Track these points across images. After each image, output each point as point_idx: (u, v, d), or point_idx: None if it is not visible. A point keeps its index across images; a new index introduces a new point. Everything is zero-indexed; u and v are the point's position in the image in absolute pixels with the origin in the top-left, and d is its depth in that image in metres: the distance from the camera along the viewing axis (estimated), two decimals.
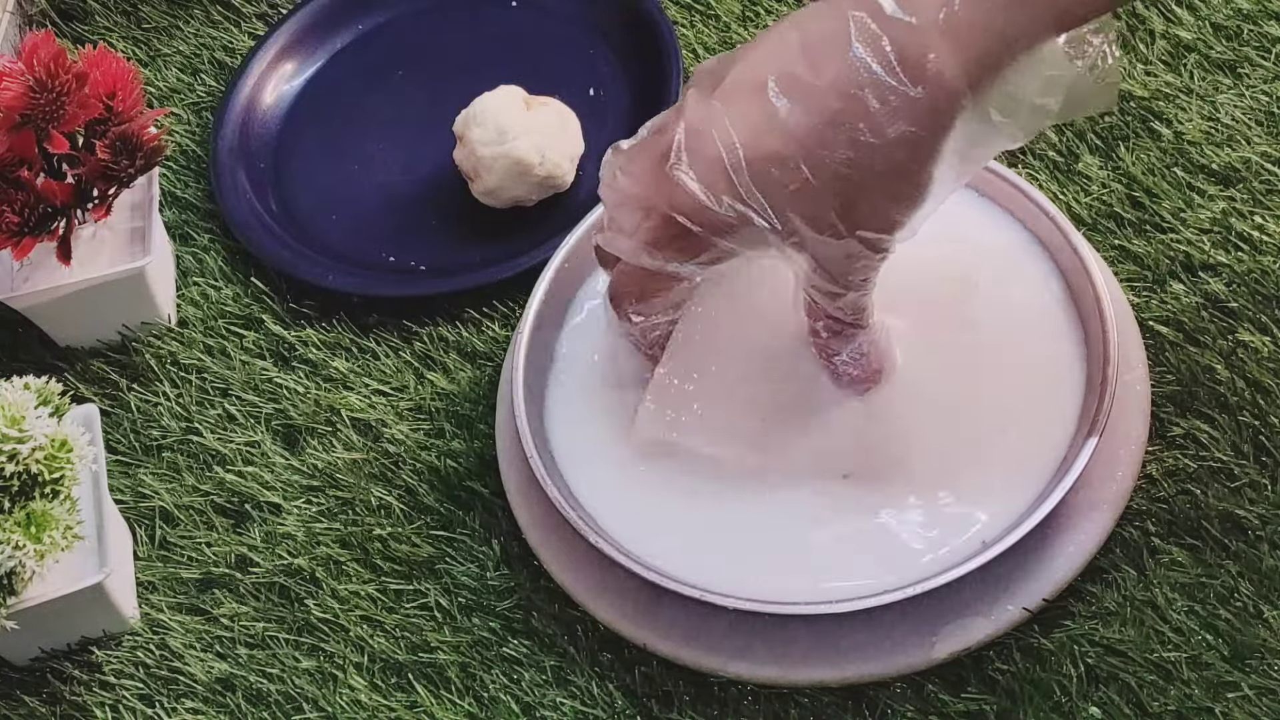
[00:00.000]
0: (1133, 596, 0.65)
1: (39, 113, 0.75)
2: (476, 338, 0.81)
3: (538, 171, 0.84)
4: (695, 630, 0.66)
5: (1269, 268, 0.75)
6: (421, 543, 0.74)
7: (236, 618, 0.73)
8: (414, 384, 0.80)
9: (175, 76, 0.99)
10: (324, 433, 0.79)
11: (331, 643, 0.71)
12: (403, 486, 0.76)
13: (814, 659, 0.65)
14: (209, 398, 0.82)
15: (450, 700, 0.68)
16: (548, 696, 0.67)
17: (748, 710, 0.66)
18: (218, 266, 0.88)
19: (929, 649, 0.64)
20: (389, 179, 0.92)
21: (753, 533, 0.68)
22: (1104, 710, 0.63)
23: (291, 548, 0.75)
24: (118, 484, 0.79)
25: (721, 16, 0.94)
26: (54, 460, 0.68)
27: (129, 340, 0.85)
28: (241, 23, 1.02)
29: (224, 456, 0.79)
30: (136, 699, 0.71)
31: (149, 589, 0.75)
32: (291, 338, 0.83)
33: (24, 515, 0.66)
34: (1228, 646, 0.63)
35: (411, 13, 1.00)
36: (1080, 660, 0.64)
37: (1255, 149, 0.79)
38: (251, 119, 0.95)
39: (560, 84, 0.90)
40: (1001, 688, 0.64)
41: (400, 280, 0.85)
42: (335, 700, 0.69)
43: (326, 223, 0.90)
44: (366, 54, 0.99)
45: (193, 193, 0.93)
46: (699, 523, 0.69)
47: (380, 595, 0.72)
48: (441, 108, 0.89)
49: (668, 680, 0.67)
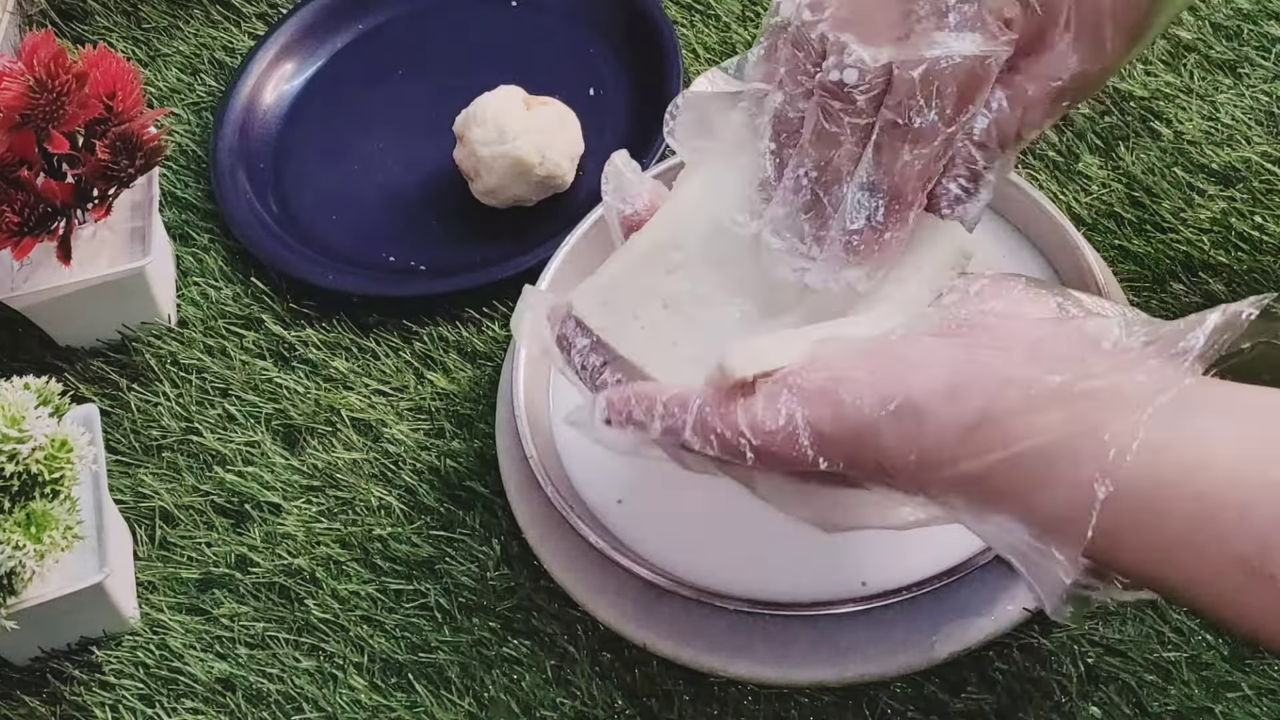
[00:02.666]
0: None
1: (39, 113, 0.75)
2: (476, 338, 0.81)
3: (538, 171, 0.84)
4: (695, 630, 0.66)
5: (1269, 268, 0.75)
6: (421, 543, 0.74)
7: (236, 618, 0.73)
8: (414, 384, 0.80)
9: (175, 76, 0.99)
10: (324, 433, 0.79)
11: (331, 643, 0.71)
12: (403, 486, 0.76)
13: (814, 659, 0.65)
14: (209, 398, 0.82)
15: (450, 700, 0.68)
16: (548, 696, 0.67)
17: (748, 710, 0.66)
18: (218, 266, 0.88)
19: (929, 649, 0.64)
20: (389, 179, 0.92)
21: (753, 532, 0.68)
22: (1104, 710, 0.63)
23: (291, 548, 0.75)
24: (118, 484, 0.79)
25: (721, 16, 0.94)
26: (54, 460, 0.68)
27: (129, 340, 0.85)
28: (241, 23, 1.02)
29: (224, 456, 0.79)
30: (136, 699, 0.71)
31: (149, 589, 0.75)
32: (291, 338, 0.83)
33: (24, 515, 0.66)
34: (1228, 646, 0.63)
35: (411, 13, 1.01)
36: (1080, 660, 0.64)
37: (1255, 149, 0.79)
38: (251, 119, 0.95)
39: (560, 84, 0.90)
40: (1001, 688, 0.64)
41: (400, 280, 0.85)
42: (335, 700, 0.69)
43: (326, 223, 0.90)
44: (366, 54, 0.99)
45: (193, 193, 0.93)
46: (700, 522, 0.69)
47: (380, 595, 0.72)
48: (441, 108, 0.89)
49: (668, 680, 0.67)
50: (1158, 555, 0.46)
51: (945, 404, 0.48)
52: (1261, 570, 0.43)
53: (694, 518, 0.69)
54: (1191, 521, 0.45)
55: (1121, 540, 0.46)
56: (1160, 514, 0.45)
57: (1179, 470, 0.45)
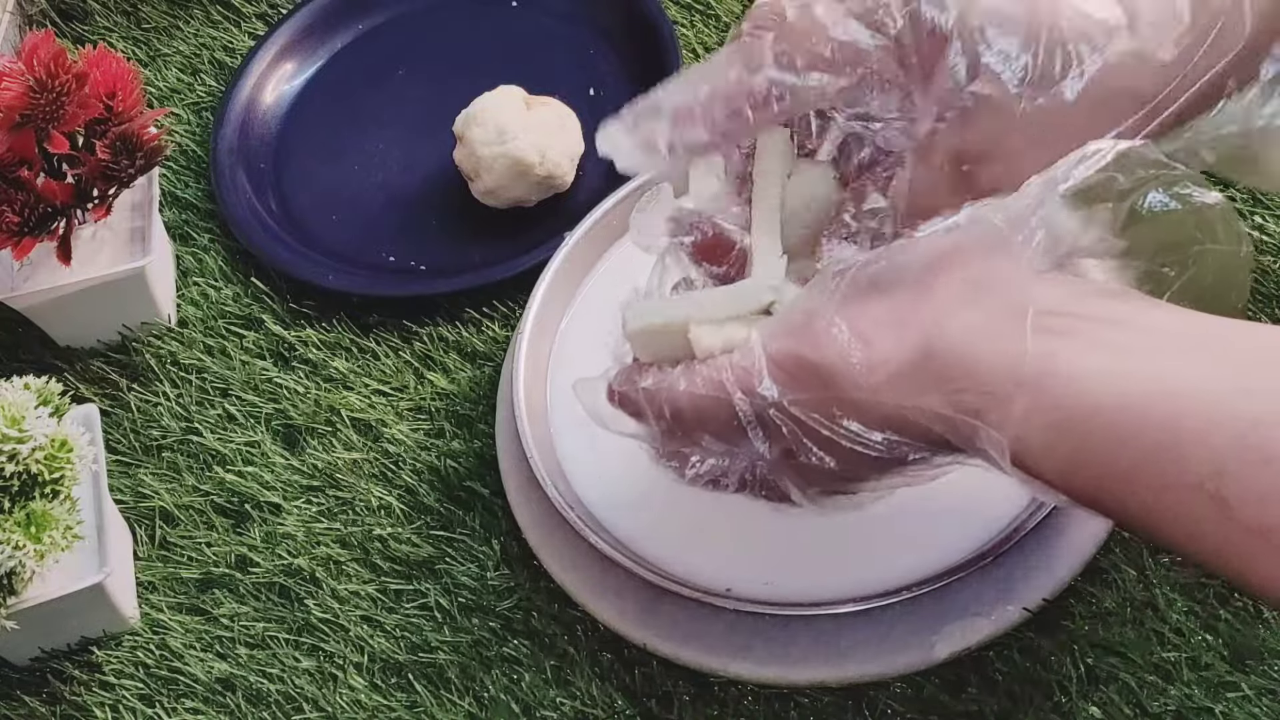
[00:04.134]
0: (1133, 596, 0.65)
1: (39, 113, 0.75)
2: (476, 338, 0.81)
3: (538, 171, 0.84)
4: (695, 630, 0.66)
5: (1269, 267, 0.75)
6: (421, 543, 0.74)
7: (236, 618, 0.73)
8: (414, 384, 0.80)
9: (175, 76, 0.99)
10: (324, 433, 0.79)
11: (331, 643, 0.71)
12: (403, 486, 0.76)
13: (814, 659, 0.65)
14: (209, 398, 0.82)
15: (450, 700, 0.68)
16: (548, 697, 0.67)
17: (748, 710, 0.66)
18: (218, 266, 0.88)
19: (929, 649, 0.64)
20: (389, 179, 0.92)
21: (753, 533, 0.68)
22: (1104, 710, 0.63)
23: (291, 548, 0.75)
24: (118, 484, 0.79)
25: (721, 16, 0.94)
26: (54, 460, 0.68)
27: (129, 340, 0.85)
28: (241, 23, 1.02)
29: (224, 456, 0.79)
30: (136, 699, 0.71)
31: (149, 589, 0.75)
32: (291, 338, 0.83)
33: (24, 515, 0.66)
34: (1228, 646, 0.63)
35: (411, 13, 1.00)
36: (1080, 660, 0.64)
37: None
38: (251, 119, 0.95)
39: (560, 84, 0.90)
40: (1001, 688, 0.64)
41: (400, 280, 0.85)
42: (335, 700, 0.69)
43: (326, 223, 0.90)
44: (366, 54, 0.99)
45: (193, 193, 0.93)
46: (700, 522, 0.69)
47: (380, 595, 0.72)
48: (441, 108, 0.89)
49: (668, 680, 0.67)
50: (1118, 482, 0.46)
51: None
52: (1216, 495, 0.44)
53: (694, 518, 0.69)
54: (1151, 448, 0.45)
55: (1080, 465, 0.47)
56: (1120, 441, 0.46)
57: (1142, 398, 0.46)
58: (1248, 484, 0.44)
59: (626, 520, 0.69)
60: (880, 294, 0.51)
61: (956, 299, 0.50)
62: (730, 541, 0.68)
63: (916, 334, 0.49)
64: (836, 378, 0.50)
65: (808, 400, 0.51)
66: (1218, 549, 0.45)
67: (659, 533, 0.69)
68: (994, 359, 0.48)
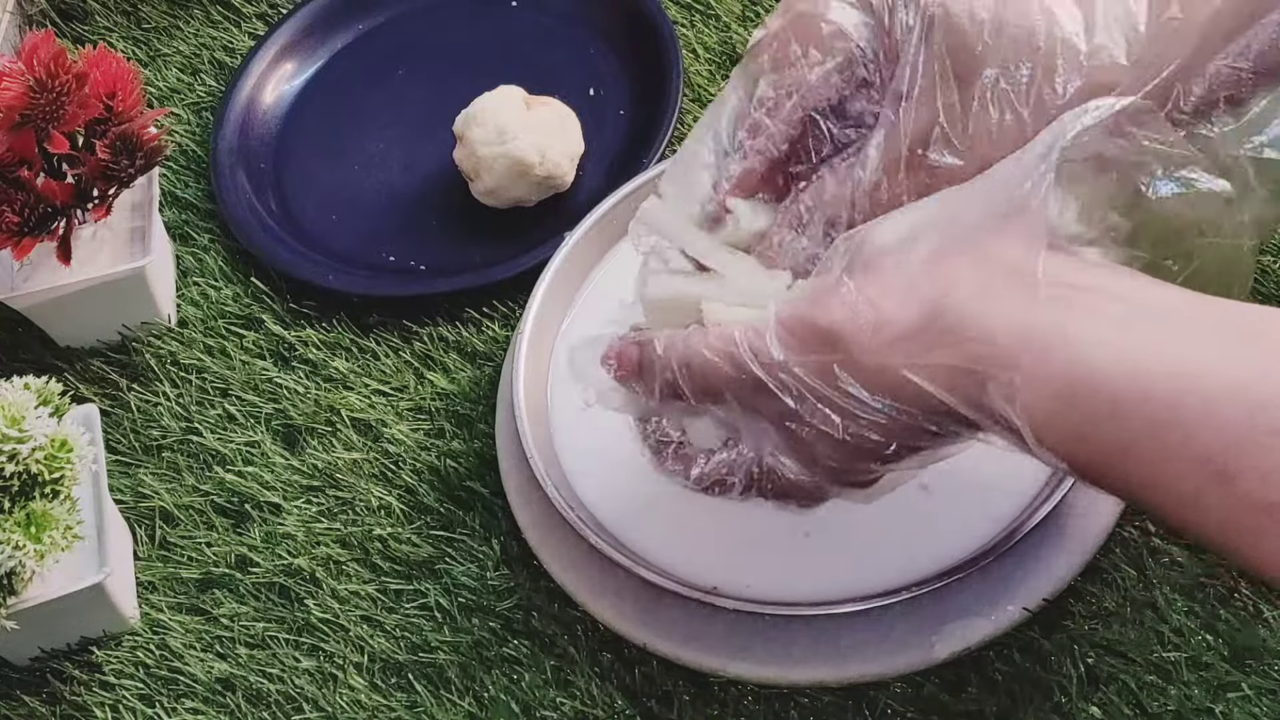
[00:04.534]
0: (1133, 596, 0.65)
1: (39, 113, 0.75)
2: (476, 338, 0.81)
3: (538, 171, 0.84)
4: (695, 630, 0.66)
5: (1269, 267, 0.75)
6: (421, 543, 0.74)
7: (236, 618, 0.73)
8: (414, 384, 0.80)
9: (175, 76, 0.99)
10: (324, 433, 0.79)
11: (331, 643, 0.71)
12: (403, 486, 0.76)
13: (814, 659, 0.65)
14: (209, 398, 0.82)
15: (450, 700, 0.68)
16: (548, 697, 0.67)
17: (748, 710, 0.66)
18: (218, 266, 0.88)
19: (929, 649, 0.64)
20: (389, 179, 0.92)
21: (753, 533, 0.68)
22: (1104, 710, 0.63)
23: (291, 548, 0.75)
24: (118, 484, 0.79)
25: (721, 16, 0.94)
26: (54, 460, 0.68)
27: (129, 340, 0.85)
28: (241, 23, 1.02)
29: (224, 456, 0.79)
30: (136, 699, 0.71)
31: (149, 589, 0.75)
32: (291, 338, 0.83)
33: (24, 515, 0.66)
34: (1228, 646, 0.63)
35: (411, 13, 1.01)
36: (1080, 660, 0.64)
37: None
38: (251, 119, 0.95)
39: (560, 84, 0.90)
40: (1001, 688, 0.64)
41: (400, 280, 0.85)
42: (335, 700, 0.69)
43: (326, 223, 0.90)
44: (366, 54, 0.99)
45: (193, 193, 0.93)
46: (700, 522, 0.69)
47: (380, 595, 0.72)
48: (441, 108, 0.89)
49: (668, 680, 0.67)
50: (1120, 455, 0.46)
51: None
52: (1221, 470, 0.44)
53: (694, 518, 0.69)
54: (1157, 422, 0.45)
55: (1084, 437, 0.47)
56: (1124, 414, 0.46)
57: (1147, 373, 0.46)
58: (1253, 460, 0.44)
59: (626, 520, 0.69)
60: (889, 259, 0.52)
61: (966, 265, 0.50)
62: (730, 541, 0.68)
63: (926, 296, 0.50)
64: (844, 339, 0.51)
65: (813, 363, 0.52)
66: (1220, 525, 0.45)
67: (659, 532, 0.69)
68: (1003, 322, 0.48)
